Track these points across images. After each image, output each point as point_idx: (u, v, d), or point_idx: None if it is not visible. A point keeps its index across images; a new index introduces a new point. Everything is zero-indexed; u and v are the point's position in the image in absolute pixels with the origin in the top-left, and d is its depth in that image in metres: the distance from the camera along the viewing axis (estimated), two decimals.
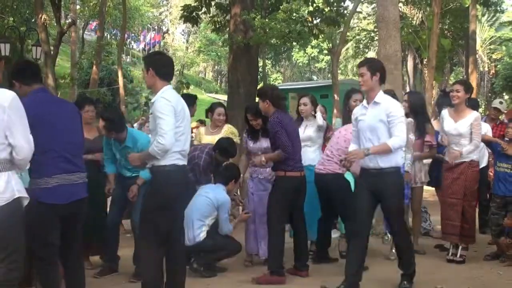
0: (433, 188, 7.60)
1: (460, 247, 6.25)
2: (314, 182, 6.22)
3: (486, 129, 7.26)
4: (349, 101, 6.60)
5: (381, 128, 5.02)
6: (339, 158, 5.81)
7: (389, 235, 6.80)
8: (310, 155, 6.49)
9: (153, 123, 4.38)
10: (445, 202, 6.36)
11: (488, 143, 6.72)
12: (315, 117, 6.67)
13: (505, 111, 8.29)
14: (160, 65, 4.53)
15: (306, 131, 6.58)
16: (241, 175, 6.53)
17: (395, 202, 5.17)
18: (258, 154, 6.09)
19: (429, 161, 6.96)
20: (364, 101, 5.27)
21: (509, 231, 6.21)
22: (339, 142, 6.22)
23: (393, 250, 6.45)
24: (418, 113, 6.70)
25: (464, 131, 6.15)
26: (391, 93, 6.81)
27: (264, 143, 6.15)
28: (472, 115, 6.19)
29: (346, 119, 6.64)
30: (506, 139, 6.54)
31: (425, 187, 7.14)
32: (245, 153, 6.61)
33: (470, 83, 6.98)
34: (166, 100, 4.33)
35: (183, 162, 4.49)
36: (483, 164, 7.32)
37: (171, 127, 4.27)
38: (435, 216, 7.58)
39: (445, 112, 6.40)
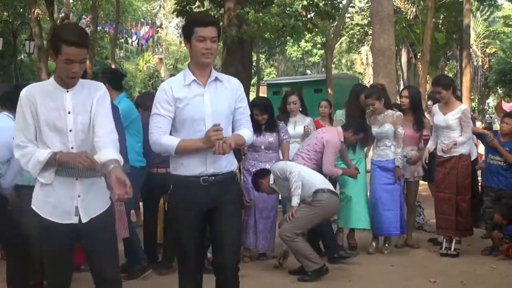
0: (426, 183, 7.63)
1: (454, 241, 6.27)
2: None
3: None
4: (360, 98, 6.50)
5: None
6: (307, 154, 6.00)
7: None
8: None
9: None
10: (439, 197, 6.37)
11: (478, 135, 6.77)
12: (304, 114, 6.82)
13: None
14: None
15: (297, 128, 6.69)
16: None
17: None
18: (261, 148, 6.09)
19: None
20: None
21: (502, 226, 6.23)
22: (311, 139, 6.22)
23: (373, 243, 6.45)
24: (417, 107, 6.77)
25: (452, 123, 6.17)
26: (381, 87, 6.84)
27: (270, 137, 6.10)
28: (460, 108, 6.21)
29: (352, 110, 6.52)
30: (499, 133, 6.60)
31: (420, 182, 7.15)
32: None
33: (446, 75, 7.00)
34: None
35: None
36: (473, 157, 7.32)
37: None
38: (428, 210, 7.59)
39: (435, 107, 6.45)
